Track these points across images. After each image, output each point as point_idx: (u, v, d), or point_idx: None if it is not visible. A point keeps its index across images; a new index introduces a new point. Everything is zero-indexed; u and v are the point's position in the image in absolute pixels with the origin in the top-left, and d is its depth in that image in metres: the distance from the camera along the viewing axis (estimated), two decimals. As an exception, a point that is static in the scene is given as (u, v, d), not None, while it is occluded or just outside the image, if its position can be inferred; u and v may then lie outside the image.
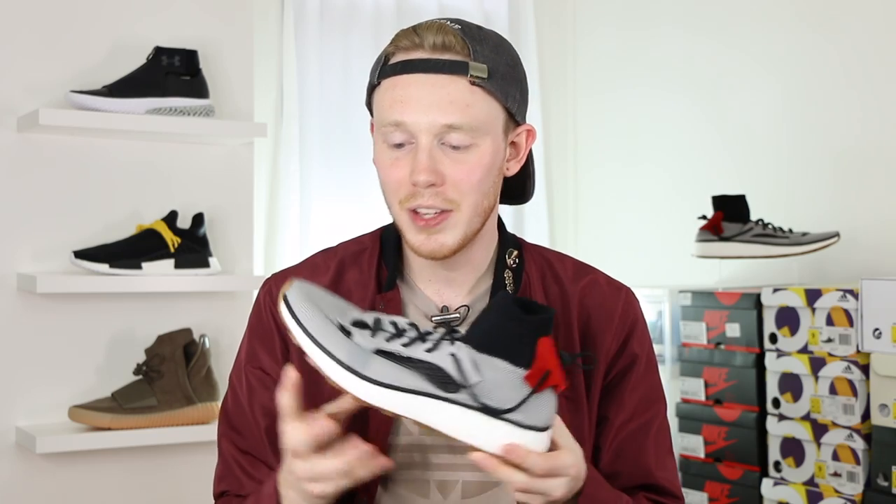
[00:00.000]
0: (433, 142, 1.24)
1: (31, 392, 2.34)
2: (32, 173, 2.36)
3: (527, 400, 1.09)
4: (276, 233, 3.03)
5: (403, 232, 1.29)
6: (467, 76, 1.24)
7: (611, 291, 1.40)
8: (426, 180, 1.24)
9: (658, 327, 2.85)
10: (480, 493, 1.30)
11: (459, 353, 1.09)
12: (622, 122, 3.45)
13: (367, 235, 1.42)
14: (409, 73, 1.25)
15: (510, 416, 1.09)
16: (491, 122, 1.27)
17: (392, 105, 1.26)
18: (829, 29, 2.84)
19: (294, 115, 3.04)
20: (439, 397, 1.09)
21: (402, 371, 1.09)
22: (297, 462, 1.12)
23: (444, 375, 1.09)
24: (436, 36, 1.25)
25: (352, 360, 1.09)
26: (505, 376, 1.09)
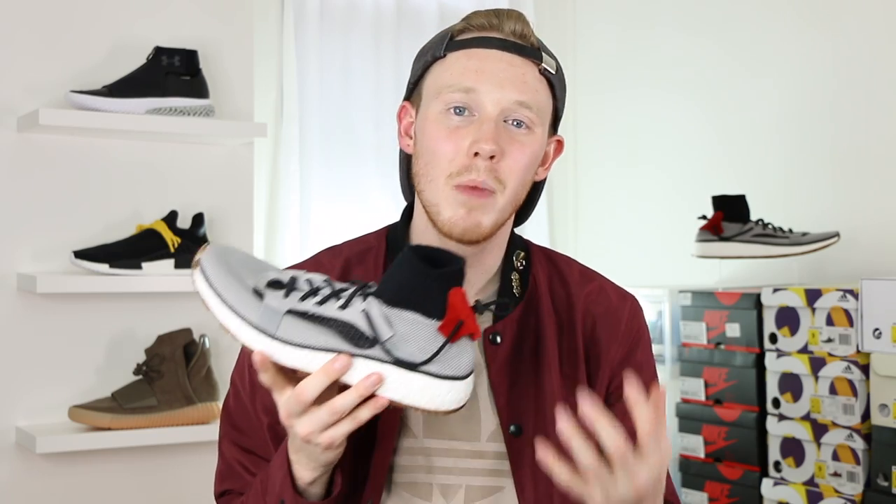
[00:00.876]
0: (500, 116, 1.26)
1: (31, 392, 2.34)
2: (32, 173, 2.36)
3: (442, 350, 1.09)
4: (276, 233, 3.03)
5: (439, 208, 1.27)
6: (540, 65, 1.29)
7: (617, 300, 1.40)
8: (490, 150, 1.24)
9: (658, 327, 2.85)
10: (483, 498, 1.29)
11: (370, 308, 1.09)
12: (622, 122, 3.45)
13: (371, 235, 1.41)
14: (486, 48, 1.27)
15: (426, 368, 1.09)
16: (546, 115, 1.31)
17: (465, 73, 1.26)
18: (829, 29, 2.84)
19: (294, 115, 3.04)
20: (352, 354, 1.09)
21: (314, 329, 1.09)
22: (297, 422, 1.12)
23: (357, 332, 1.09)
24: (515, 24, 1.29)
25: (263, 322, 1.09)
26: (418, 329, 1.09)
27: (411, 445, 1.30)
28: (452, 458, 1.29)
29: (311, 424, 1.11)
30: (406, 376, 1.09)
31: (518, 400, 1.31)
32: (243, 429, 1.35)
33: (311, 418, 1.10)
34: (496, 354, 1.31)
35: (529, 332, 1.34)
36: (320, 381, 1.09)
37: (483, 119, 1.25)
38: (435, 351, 1.09)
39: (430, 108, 1.29)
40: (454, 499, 1.29)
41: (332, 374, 1.08)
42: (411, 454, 1.29)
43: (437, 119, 1.27)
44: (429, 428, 1.30)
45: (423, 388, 1.09)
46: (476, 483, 1.29)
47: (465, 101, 1.26)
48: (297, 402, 1.10)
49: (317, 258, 1.40)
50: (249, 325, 1.10)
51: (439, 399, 1.10)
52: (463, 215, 1.26)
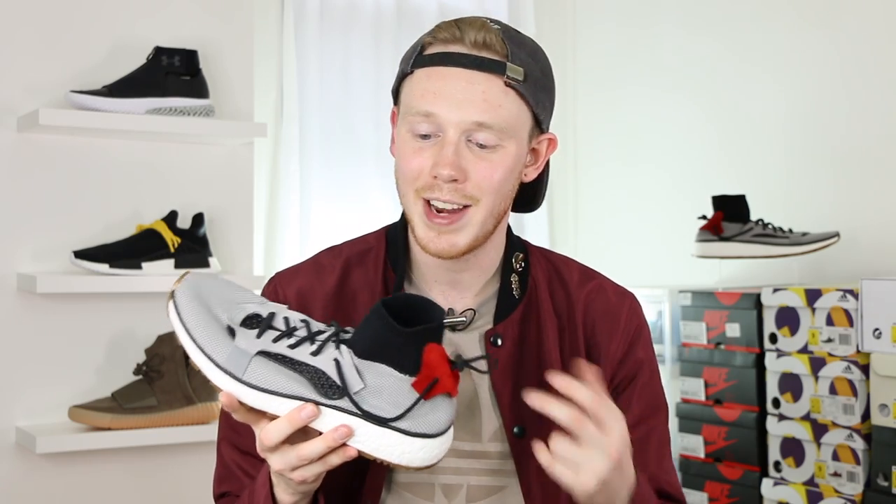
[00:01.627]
0: (461, 138, 1.24)
1: (31, 392, 2.34)
2: (32, 173, 2.36)
3: (414, 406, 1.06)
4: (276, 233, 3.03)
5: (413, 224, 1.28)
6: (503, 77, 1.24)
7: (616, 298, 1.40)
8: (449, 174, 1.23)
9: (658, 327, 2.85)
10: (486, 497, 1.30)
11: (342, 358, 1.07)
12: (622, 122, 3.45)
13: (371, 235, 1.41)
14: (446, 66, 1.25)
15: (396, 424, 1.06)
16: (519, 125, 1.27)
17: (424, 95, 1.25)
18: (829, 28, 2.84)
19: (294, 115, 3.04)
20: (319, 403, 1.07)
21: (282, 374, 1.08)
22: (272, 457, 1.12)
23: (327, 380, 1.07)
24: (478, 33, 1.25)
25: (230, 364, 1.08)
26: (390, 382, 1.07)
27: None
28: (454, 458, 1.29)
29: (282, 462, 1.11)
30: (376, 431, 1.07)
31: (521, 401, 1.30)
32: (241, 431, 1.35)
33: (281, 457, 1.11)
34: (498, 356, 1.31)
35: (530, 333, 1.34)
36: (284, 428, 1.08)
37: (444, 142, 1.24)
38: (407, 407, 1.06)
39: (402, 126, 1.29)
40: (456, 498, 1.29)
41: (297, 423, 1.08)
42: None
43: (405, 139, 1.28)
44: None
45: (394, 445, 1.07)
46: (478, 483, 1.29)
47: (426, 126, 1.25)
48: (261, 444, 1.10)
49: (317, 259, 1.40)
50: (216, 366, 1.08)
51: (409, 456, 1.07)
52: (433, 237, 1.26)
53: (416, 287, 1.35)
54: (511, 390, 1.31)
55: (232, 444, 1.36)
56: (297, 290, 1.36)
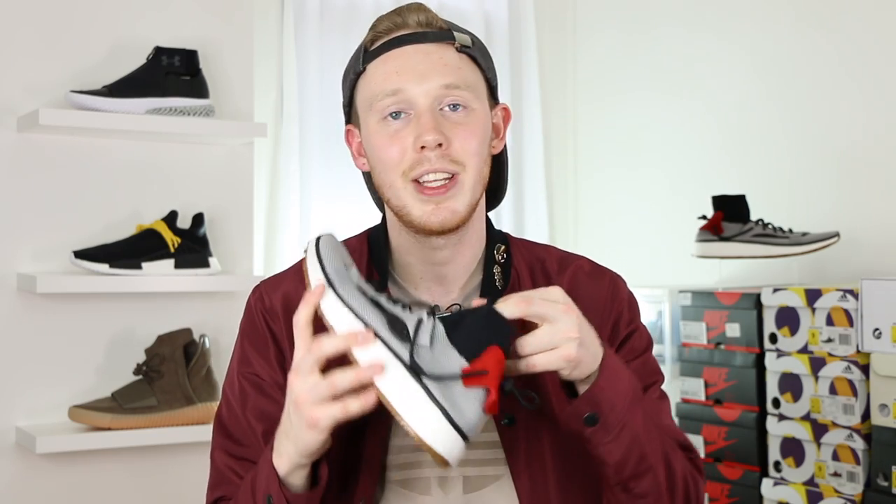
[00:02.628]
0: (433, 105, 1.27)
1: (31, 392, 2.34)
2: (32, 173, 2.36)
3: (452, 380, 1.09)
4: (276, 233, 3.03)
5: (408, 209, 1.29)
6: (454, 44, 1.30)
7: (595, 278, 1.40)
8: (435, 139, 1.25)
9: (658, 327, 2.85)
10: (482, 488, 1.30)
11: (427, 321, 1.12)
12: (622, 123, 3.45)
13: (353, 238, 1.42)
14: (399, 47, 1.29)
15: (428, 383, 1.08)
16: (479, 88, 1.32)
17: (387, 77, 1.28)
18: (828, 29, 2.84)
19: (294, 115, 3.04)
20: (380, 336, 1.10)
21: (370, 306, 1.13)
22: (298, 382, 1.13)
23: (402, 326, 1.11)
24: (418, 14, 1.31)
25: (335, 277, 1.15)
26: (448, 358, 1.10)
27: (405, 443, 1.29)
28: None
29: (308, 391, 1.11)
30: (408, 382, 1.08)
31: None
32: (237, 438, 1.35)
33: (309, 383, 1.11)
34: None
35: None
36: (339, 344, 1.10)
37: (418, 113, 1.27)
38: (446, 374, 1.09)
39: (369, 121, 1.31)
40: (453, 490, 1.29)
41: (352, 342, 1.10)
42: (405, 452, 1.30)
43: (377, 130, 1.30)
44: None
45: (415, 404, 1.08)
46: (474, 473, 1.30)
47: (396, 104, 1.28)
48: (311, 352, 1.11)
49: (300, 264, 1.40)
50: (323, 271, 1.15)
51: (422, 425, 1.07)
52: (433, 209, 1.28)
53: (401, 287, 1.36)
54: None
55: (227, 452, 1.36)
56: (282, 297, 1.37)
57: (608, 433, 1.19)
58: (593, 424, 1.18)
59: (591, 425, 1.18)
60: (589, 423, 1.18)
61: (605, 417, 1.18)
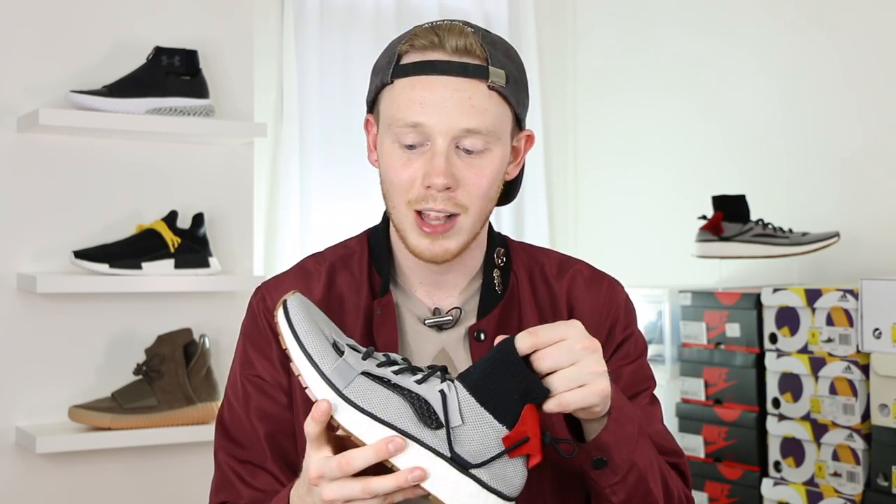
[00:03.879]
0: (450, 145, 1.25)
1: (31, 392, 2.34)
2: (32, 173, 2.36)
3: (497, 459, 1.05)
4: (276, 233, 3.03)
5: (405, 233, 1.29)
6: (487, 81, 1.25)
7: (593, 284, 1.40)
8: (443, 183, 1.24)
9: (658, 327, 2.85)
10: None
11: (449, 391, 1.06)
12: (622, 123, 3.45)
13: (353, 239, 1.42)
14: (429, 75, 1.25)
15: (477, 473, 1.05)
16: (503, 127, 1.28)
17: (410, 106, 1.25)
18: (829, 29, 2.84)
19: (294, 115, 3.04)
20: (412, 437, 1.05)
21: (384, 396, 1.06)
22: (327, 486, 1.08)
23: (428, 409, 1.05)
24: (458, 39, 1.25)
25: (335, 376, 1.07)
26: (485, 429, 1.05)
27: None
28: None
29: (340, 493, 1.07)
30: (455, 476, 1.05)
31: None
32: (240, 440, 1.35)
33: (342, 487, 1.07)
34: (482, 351, 1.32)
35: (512, 327, 1.34)
36: (369, 457, 1.05)
37: (434, 151, 1.24)
38: (491, 457, 1.05)
39: (385, 137, 1.29)
40: None
41: (383, 455, 1.05)
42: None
43: (391, 151, 1.28)
44: None
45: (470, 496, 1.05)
46: None
47: (414, 136, 1.25)
48: (339, 469, 1.06)
49: (302, 265, 1.41)
50: (321, 376, 1.07)
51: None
52: (427, 245, 1.27)
53: (401, 289, 1.36)
54: None
55: (230, 454, 1.36)
56: None
57: (615, 475, 1.19)
58: (601, 467, 1.18)
59: (598, 468, 1.18)
60: (597, 466, 1.18)
61: (614, 461, 1.18)
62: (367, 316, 1.33)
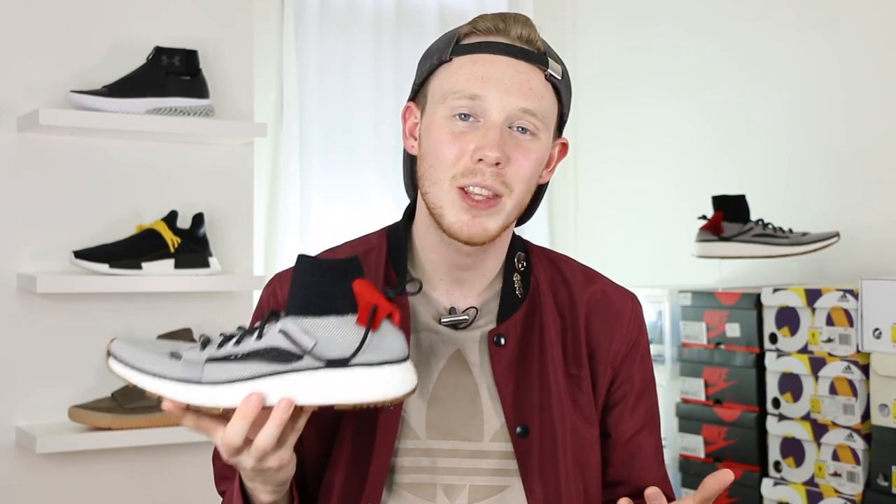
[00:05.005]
0: (505, 123, 1.26)
1: (31, 392, 2.34)
2: (32, 173, 2.36)
3: (366, 340, 1.08)
4: (276, 233, 3.02)
5: (443, 211, 1.27)
6: (545, 71, 1.29)
7: (620, 301, 1.41)
8: (495, 157, 1.24)
9: (658, 327, 2.85)
10: (487, 497, 1.30)
11: (286, 326, 1.09)
12: (622, 122, 3.45)
13: (373, 235, 1.41)
14: (493, 54, 1.27)
15: (358, 360, 1.08)
16: (552, 120, 1.31)
17: (471, 79, 1.26)
18: (828, 29, 2.84)
19: (294, 115, 3.04)
20: (280, 372, 1.09)
21: (238, 366, 1.10)
22: (240, 459, 1.13)
23: (281, 352, 1.09)
24: (522, 28, 1.29)
25: (186, 374, 1.10)
26: (338, 328, 1.09)
27: (414, 446, 1.29)
28: (456, 459, 1.29)
29: (252, 460, 1.12)
30: (343, 375, 1.08)
31: (524, 401, 1.31)
32: None
33: (249, 456, 1.12)
34: (501, 356, 1.32)
35: (533, 333, 1.34)
36: (241, 425, 1.09)
37: (488, 125, 1.26)
38: (360, 342, 1.08)
39: (436, 112, 1.29)
40: (458, 499, 1.29)
41: (250, 413, 1.09)
42: (414, 455, 1.29)
43: (442, 123, 1.28)
44: (432, 429, 1.30)
45: (365, 383, 1.08)
46: (480, 483, 1.29)
47: (470, 108, 1.26)
48: (226, 447, 1.11)
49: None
50: (173, 381, 1.11)
51: (385, 387, 1.08)
52: (467, 221, 1.26)
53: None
54: (513, 390, 1.31)
55: None
56: None
57: None
58: None
59: None
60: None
61: None
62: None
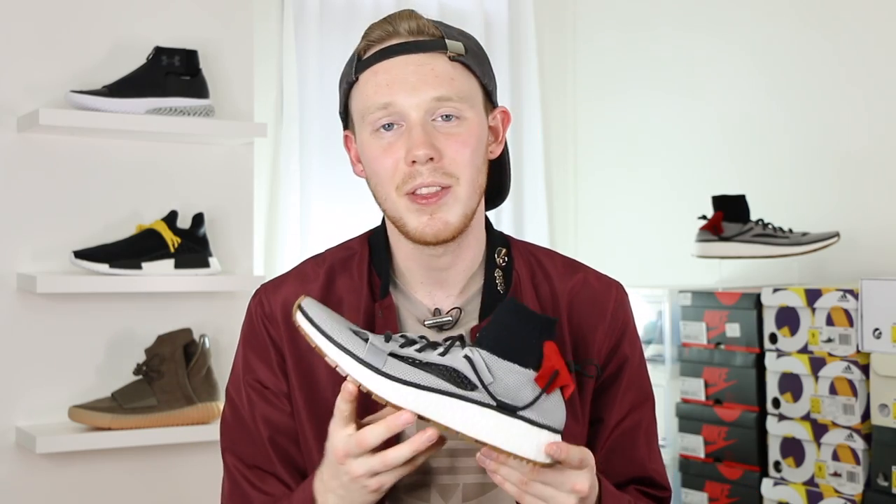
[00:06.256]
0: (425, 118, 1.26)
1: (31, 392, 2.34)
2: (32, 173, 2.36)
3: (539, 399, 1.11)
4: (276, 233, 3.03)
5: (403, 221, 1.29)
6: (446, 53, 1.28)
7: (602, 289, 1.40)
8: (425, 154, 1.25)
9: (658, 327, 2.85)
10: (481, 496, 1.30)
11: (473, 355, 1.12)
12: (622, 123, 3.45)
13: (354, 240, 1.42)
14: (390, 58, 1.28)
15: (525, 414, 1.11)
16: (474, 97, 1.30)
17: (377, 90, 1.27)
18: (829, 29, 2.84)
19: (294, 115, 3.04)
20: (456, 395, 1.11)
21: (418, 372, 1.12)
22: (352, 462, 1.14)
23: (460, 376, 1.11)
24: (409, 22, 1.29)
25: (370, 358, 1.12)
26: (517, 377, 1.11)
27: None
28: (449, 458, 1.29)
29: (365, 468, 1.13)
30: (506, 422, 1.11)
31: None
32: (245, 443, 1.35)
33: (366, 463, 1.13)
34: None
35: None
36: (384, 433, 1.12)
37: (410, 126, 1.26)
38: (533, 398, 1.11)
39: (362, 132, 1.31)
40: (452, 498, 1.29)
41: (395, 429, 1.11)
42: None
43: (370, 141, 1.29)
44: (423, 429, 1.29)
45: (524, 436, 1.11)
46: (473, 481, 1.29)
47: (388, 117, 1.27)
48: (358, 446, 1.12)
49: (301, 268, 1.41)
50: (357, 360, 1.12)
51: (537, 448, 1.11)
52: (427, 221, 1.27)
53: (401, 290, 1.36)
54: None
55: (236, 456, 1.36)
56: (282, 301, 1.36)
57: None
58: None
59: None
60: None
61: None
62: (367, 318, 1.33)
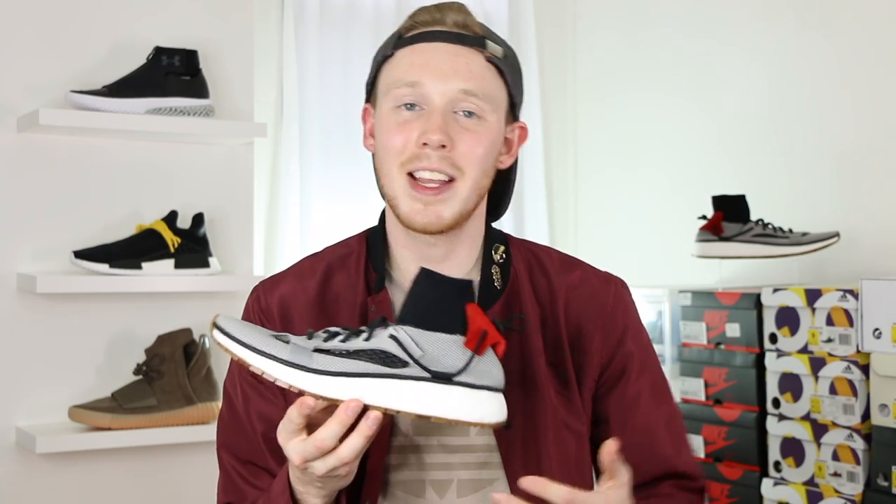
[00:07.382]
0: (448, 107, 1.27)
1: (31, 392, 2.34)
2: (32, 173, 2.36)
3: (471, 362, 1.11)
4: (276, 233, 3.03)
5: (397, 202, 1.29)
6: (484, 52, 1.29)
7: (601, 286, 1.40)
8: (439, 139, 1.25)
9: (658, 327, 2.85)
10: (476, 492, 1.30)
11: (398, 333, 1.12)
12: (622, 123, 3.45)
13: (353, 238, 1.42)
14: (429, 42, 1.29)
15: (461, 379, 1.11)
16: (499, 101, 1.31)
17: (410, 67, 1.28)
18: (828, 29, 2.84)
19: (294, 115, 3.04)
20: (389, 375, 1.11)
21: (346, 361, 1.12)
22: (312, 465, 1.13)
23: (389, 356, 1.11)
24: (457, 15, 1.31)
25: (295, 358, 1.11)
26: (445, 345, 1.12)
27: (402, 444, 1.30)
28: (443, 454, 1.29)
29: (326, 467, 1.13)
30: (444, 390, 1.11)
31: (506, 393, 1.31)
32: (240, 439, 1.35)
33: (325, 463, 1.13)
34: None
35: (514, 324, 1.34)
36: (338, 429, 1.10)
37: (431, 111, 1.27)
38: (466, 363, 1.11)
39: (383, 105, 1.31)
40: (447, 494, 1.29)
41: (346, 420, 1.10)
42: (403, 453, 1.30)
43: (388, 115, 1.30)
44: (418, 425, 1.30)
45: (464, 401, 1.11)
46: (467, 477, 1.30)
47: (412, 96, 1.28)
48: (317, 449, 1.11)
49: (299, 266, 1.41)
50: (283, 363, 1.12)
51: (481, 410, 1.12)
52: (420, 209, 1.28)
53: (397, 285, 1.36)
54: None
55: (231, 453, 1.36)
56: (279, 298, 1.37)
57: None
58: None
59: None
60: None
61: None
62: (362, 313, 1.33)
